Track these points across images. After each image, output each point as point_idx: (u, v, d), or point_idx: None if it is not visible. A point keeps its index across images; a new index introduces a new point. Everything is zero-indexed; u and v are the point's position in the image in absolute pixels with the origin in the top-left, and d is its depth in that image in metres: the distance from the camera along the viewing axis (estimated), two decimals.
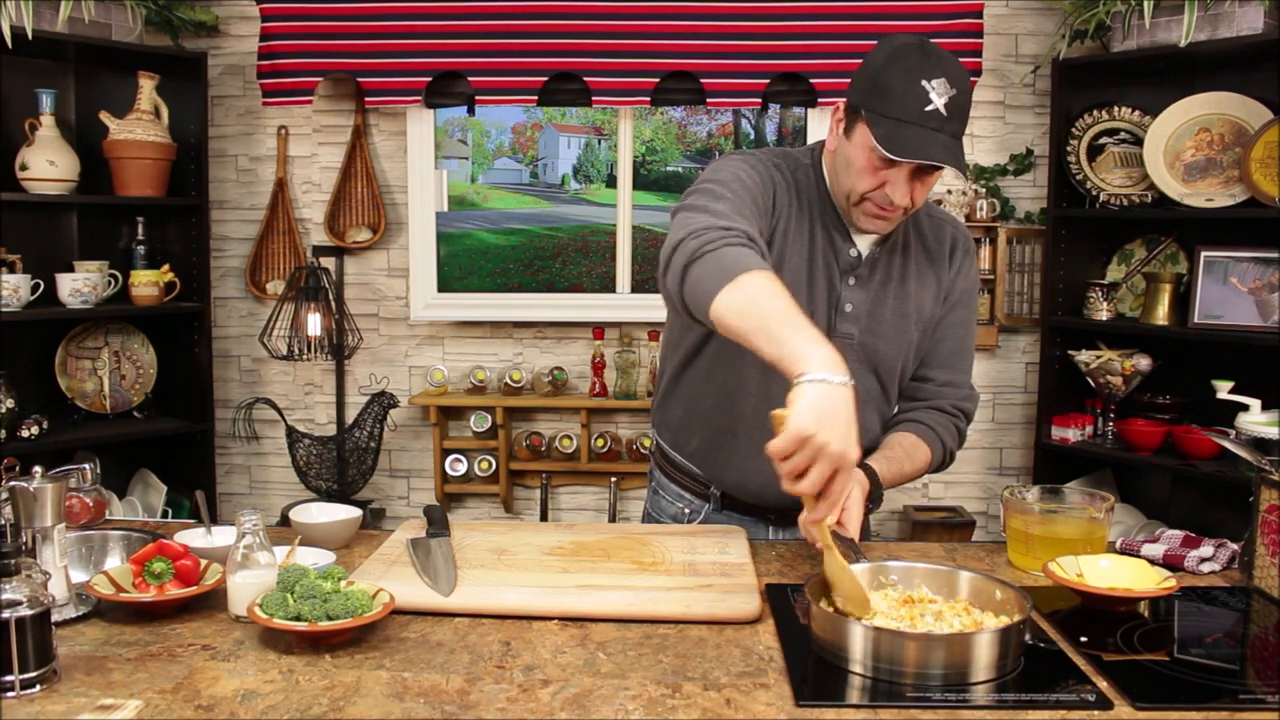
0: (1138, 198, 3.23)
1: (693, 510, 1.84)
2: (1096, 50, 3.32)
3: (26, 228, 3.29)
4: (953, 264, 1.76)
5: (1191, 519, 3.01)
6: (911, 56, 1.51)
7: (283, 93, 3.51)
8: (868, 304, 1.69)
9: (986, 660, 1.19)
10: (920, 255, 1.74)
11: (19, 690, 1.14)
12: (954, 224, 1.80)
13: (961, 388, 1.80)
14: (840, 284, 1.68)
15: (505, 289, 3.89)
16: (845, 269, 1.68)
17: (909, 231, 1.73)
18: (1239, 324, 2.99)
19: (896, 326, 1.71)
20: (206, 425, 3.51)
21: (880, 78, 1.52)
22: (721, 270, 1.35)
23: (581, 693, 1.17)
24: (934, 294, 1.74)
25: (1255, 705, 1.15)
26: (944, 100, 1.48)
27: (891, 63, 1.51)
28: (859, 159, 1.56)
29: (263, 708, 1.12)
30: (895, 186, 1.55)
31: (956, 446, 1.80)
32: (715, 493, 1.81)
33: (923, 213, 1.76)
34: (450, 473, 3.65)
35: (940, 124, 1.49)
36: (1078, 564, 1.51)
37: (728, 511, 1.81)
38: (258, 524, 1.39)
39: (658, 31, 3.42)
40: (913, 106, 1.48)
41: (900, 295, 1.71)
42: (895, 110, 1.49)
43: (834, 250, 1.67)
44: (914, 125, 1.48)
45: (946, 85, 1.49)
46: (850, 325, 1.68)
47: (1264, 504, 1.53)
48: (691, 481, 1.83)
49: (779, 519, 1.81)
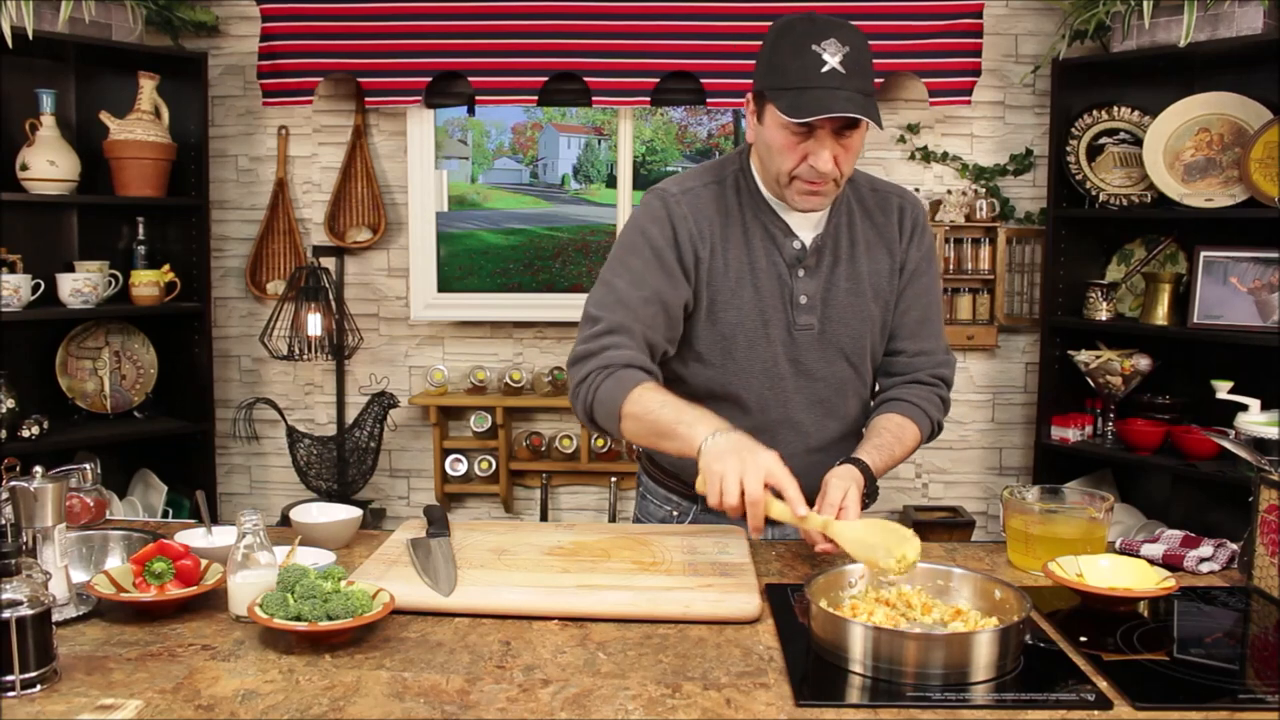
0: (1137, 198, 3.23)
1: (680, 512, 1.85)
2: (1096, 50, 3.32)
3: (27, 228, 3.29)
4: (903, 235, 1.76)
5: (1191, 519, 3.01)
6: (798, 27, 1.54)
7: (283, 93, 3.51)
8: (821, 292, 1.70)
9: (986, 660, 1.19)
10: (867, 231, 1.74)
11: (19, 690, 1.14)
12: (900, 194, 1.79)
13: (935, 354, 1.80)
14: (790, 278, 1.69)
15: (505, 289, 3.89)
16: (792, 262, 1.69)
17: (852, 209, 1.74)
18: (1238, 324, 2.99)
19: (854, 308, 1.72)
20: (207, 425, 3.51)
21: (774, 56, 1.56)
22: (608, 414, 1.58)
23: (581, 693, 1.17)
24: (888, 267, 1.74)
25: (1255, 705, 1.15)
26: (838, 59, 1.51)
27: (781, 39, 1.56)
28: (776, 139, 1.58)
29: (263, 708, 1.12)
30: (818, 155, 1.56)
31: (942, 415, 1.81)
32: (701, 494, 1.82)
33: (865, 187, 1.77)
34: (450, 473, 3.65)
35: (841, 82, 1.51)
36: (1078, 564, 1.51)
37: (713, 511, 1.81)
38: (258, 524, 1.39)
39: (658, 31, 3.42)
40: (809, 72, 1.51)
41: (852, 275, 1.72)
42: (793, 80, 1.52)
43: (776, 247, 1.69)
44: (814, 89, 1.51)
45: (838, 44, 1.51)
46: (808, 316, 1.70)
47: (1263, 504, 1.53)
48: (677, 484, 1.83)
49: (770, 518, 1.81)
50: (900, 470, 3.69)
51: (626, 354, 1.60)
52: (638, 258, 1.66)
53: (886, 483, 3.66)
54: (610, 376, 1.58)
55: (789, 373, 1.71)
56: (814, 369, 1.72)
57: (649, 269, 1.65)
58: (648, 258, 1.66)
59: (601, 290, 1.68)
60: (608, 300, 1.65)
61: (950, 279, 3.57)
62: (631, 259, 1.67)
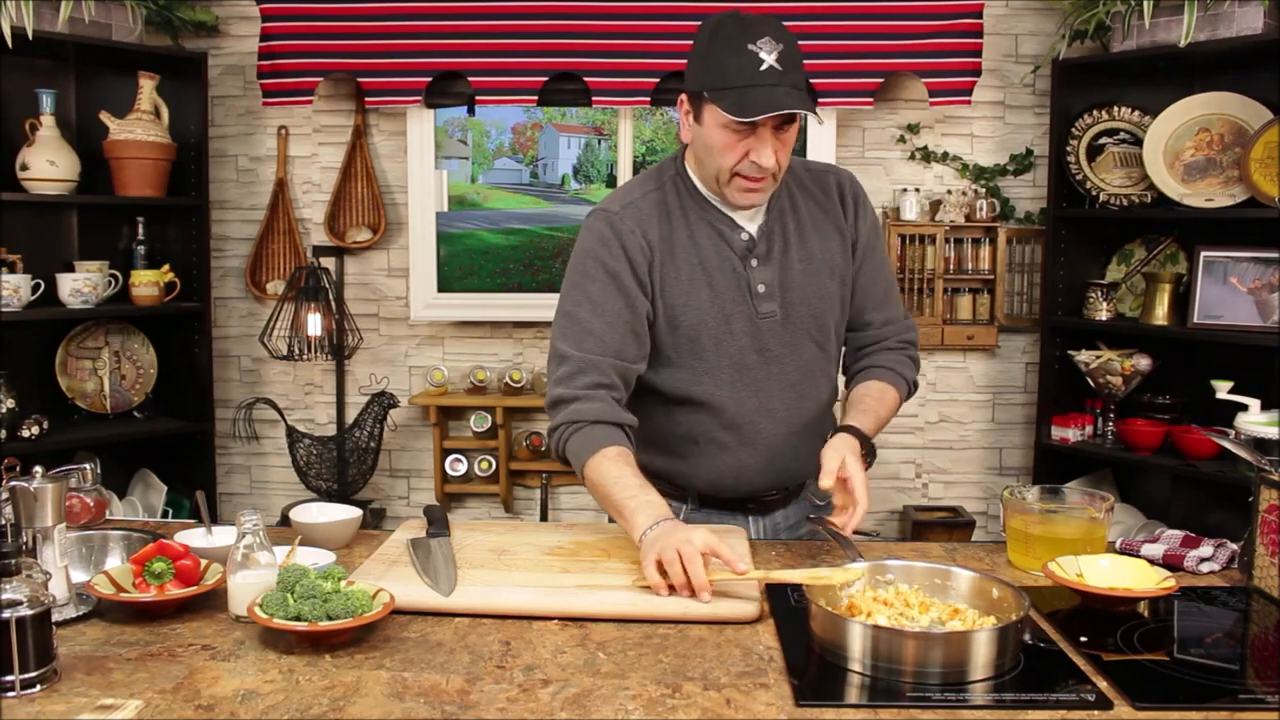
0: (1137, 198, 3.23)
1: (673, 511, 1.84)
2: (1096, 50, 3.32)
3: (27, 228, 3.29)
4: (848, 213, 1.79)
5: (1191, 519, 3.01)
6: (730, 26, 1.58)
7: (283, 93, 3.51)
8: (777, 277, 1.72)
9: (985, 659, 1.19)
10: (812, 209, 1.77)
11: (19, 690, 1.14)
12: (835, 172, 1.83)
13: (898, 321, 1.86)
14: (744, 269, 1.71)
15: (505, 289, 3.89)
16: (743, 254, 1.71)
17: (792, 192, 1.76)
18: (1239, 324, 2.98)
19: (812, 288, 1.74)
20: (207, 425, 3.51)
21: (710, 56, 1.59)
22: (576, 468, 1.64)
23: (581, 693, 1.17)
24: (838, 243, 1.77)
25: (1255, 705, 1.15)
26: (774, 56, 1.55)
27: (715, 39, 1.59)
28: (717, 138, 1.61)
29: (263, 708, 1.12)
30: (760, 151, 1.59)
31: (916, 374, 1.87)
32: (693, 493, 1.82)
33: (800, 169, 1.80)
34: (450, 473, 3.65)
35: (779, 78, 1.55)
36: (1078, 564, 1.51)
37: (706, 510, 1.82)
38: (258, 524, 1.39)
39: (658, 31, 3.42)
40: (748, 71, 1.55)
41: (804, 256, 1.74)
42: (733, 79, 1.55)
43: (725, 241, 1.71)
44: (755, 87, 1.55)
45: (772, 43, 1.55)
46: (769, 304, 1.71)
47: (1263, 504, 1.53)
48: (667, 485, 1.82)
49: (757, 508, 1.82)
50: (900, 470, 3.69)
51: (596, 406, 1.63)
52: (594, 283, 1.67)
53: (887, 483, 3.67)
54: (578, 433, 1.63)
55: (757, 362, 1.73)
56: (782, 355, 1.74)
57: (607, 293, 1.67)
58: (604, 281, 1.67)
59: (565, 322, 1.69)
60: (573, 332, 1.67)
61: (950, 279, 3.57)
62: (589, 285, 1.68)
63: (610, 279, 1.67)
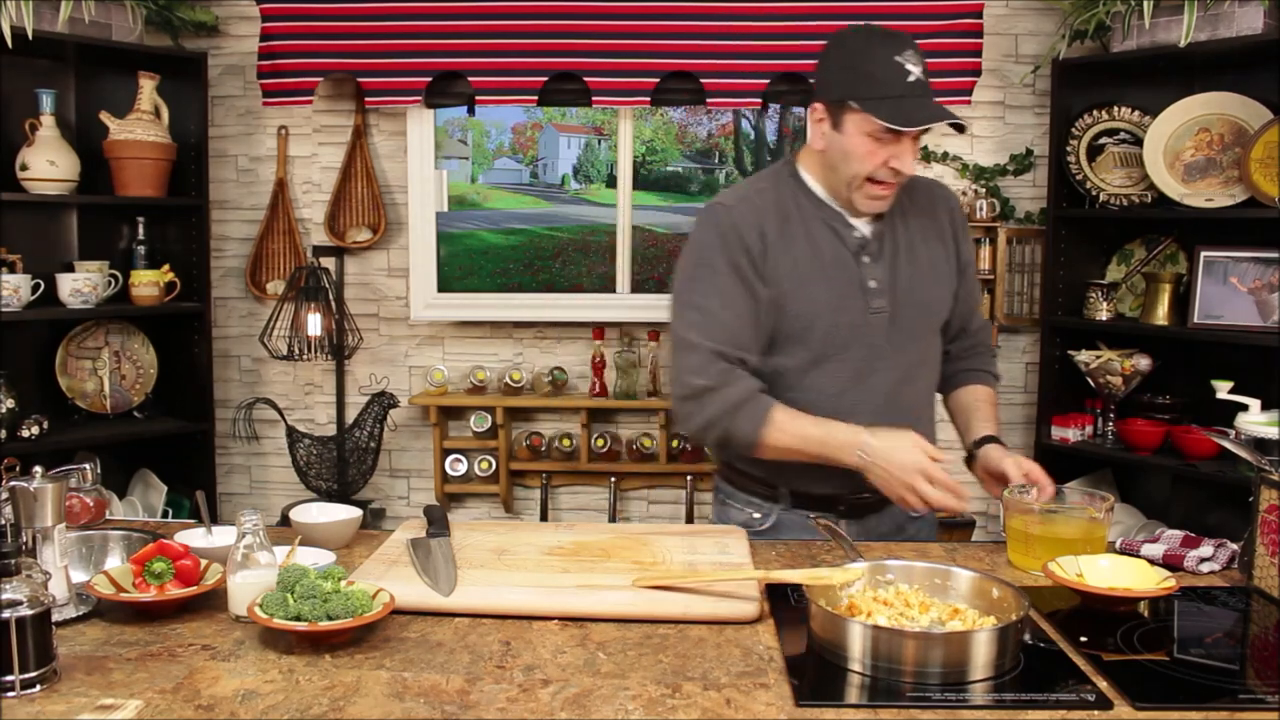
0: (1137, 198, 3.23)
1: (764, 514, 1.86)
2: (1096, 50, 3.32)
3: (27, 228, 3.28)
4: (955, 229, 1.88)
5: (1191, 519, 3.01)
6: (876, 39, 1.67)
7: (283, 93, 3.51)
8: (889, 276, 1.77)
9: (985, 659, 1.19)
10: (920, 218, 1.84)
11: (19, 690, 1.14)
12: (939, 187, 1.92)
13: (985, 325, 2.04)
14: (857, 265, 1.75)
15: (505, 289, 3.89)
16: (856, 250, 1.76)
17: (901, 199, 1.81)
18: (1239, 324, 2.98)
19: (920, 290, 1.80)
20: (206, 425, 3.51)
21: (859, 65, 1.66)
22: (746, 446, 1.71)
23: (581, 693, 1.17)
24: (943, 254, 1.85)
25: (1255, 705, 1.15)
26: (919, 70, 1.64)
27: (863, 50, 1.67)
28: (858, 146, 1.67)
29: (263, 708, 1.12)
30: (902, 158, 1.67)
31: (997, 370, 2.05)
32: (784, 492, 1.83)
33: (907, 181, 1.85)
34: (450, 473, 3.65)
35: (925, 90, 1.65)
36: (1078, 564, 1.51)
37: (798, 510, 1.83)
38: (258, 524, 1.39)
39: (658, 31, 3.42)
40: (898, 82, 1.63)
41: (912, 260, 1.80)
42: (885, 90, 1.63)
43: (839, 238, 1.76)
44: (908, 97, 1.63)
45: (914, 56, 1.65)
46: (880, 300, 1.76)
47: (1263, 504, 1.53)
48: (760, 486, 1.85)
49: (849, 510, 1.83)
50: None
51: (742, 386, 1.69)
52: (719, 275, 1.72)
53: None
54: (739, 413, 1.68)
55: (864, 357, 1.76)
56: (887, 352, 1.78)
57: (728, 284, 1.72)
58: (727, 273, 1.72)
59: (692, 314, 1.73)
60: (701, 323, 1.71)
61: None
62: (714, 277, 1.73)
63: (733, 271, 1.71)
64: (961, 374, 1.97)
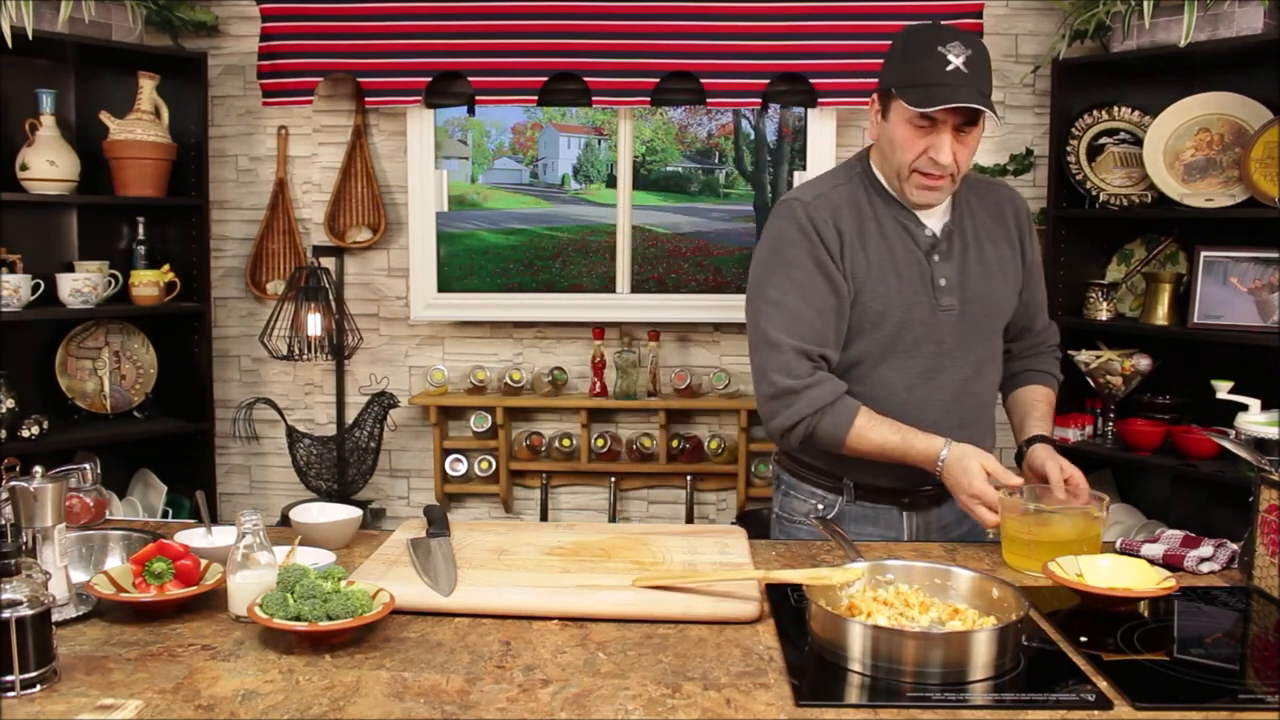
0: (1138, 198, 3.23)
1: (826, 505, 1.87)
2: (1096, 50, 3.32)
3: (27, 228, 3.28)
4: (1020, 230, 1.90)
5: (1191, 519, 3.01)
6: (926, 31, 1.69)
7: (283, 93, 3.51)
8: (958, 275, 1.79)
9: (984, 659, 1.19)
10: (987, 220, 1.86)
11: (19, 690, 1.14)
12: (1008, 189, 1.94)
13: (1051, 326, 2.06)
14: (928, 263, 1.78)
15: (505, 289, 3.89)
16: (927, 249, 1.78)
17: (971, 201, 1.85)
18: (1239, 324, 2.98)
19: (988, 289, 1.82)
20: (206, 425, 3.51)
21: (903, 55, 1.70)
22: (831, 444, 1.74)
23: (581, 693, 1.17)
24: (1010, 255, 1.88)
25: (1255, 705, 1.15)
26: (961, 60, 1.64)
27: (910, 41, 1.70)
28: (900, 133, 1.70)
29: (263, 708, 1.12)
30: (938, 148, 1.68)
31: (1061, 374, 2.06)
32: (849, 483, 1.84)
33: (976, 182, 1.90)
34: (450, 473, 3.65)
35: (963, 80, 1.64)
36: (1078, 564, 1.51)
37: (861, 502, 1.84)
38: (258, 524, 1.39)
39: (658, 31, 3.42)
40: (935, 70, 1.64)
41: (981, 260, 1.82)
42: (920, 77, 1.65)
43: (910, 236, 1.78)
44: (939, 85, 1.64)
45: (960, 47, 1.65)
46: (949, 298, 1.78)
47: (1264, 504, 1.53)
48: (823, 478, 1.87)
49: (912, 503, 1.85)
50: None
51: (827, 388, 1.72)
52: (798, 270, 1.74)
53: None
54: (826, 416, 1.71)
55: (933, 353, 1.78)
56: (955, 349, 1.80)
57: (810, 279, 1.74)
58: (806, 267, 1.74)
59: (773, 310, 1.75)
60: (783, 320, 1.73)
61: None
62: (794, 273, 1.74)
63: (813, 263, 1.74)
64: (1023, 374, 2.00)
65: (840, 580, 1.38)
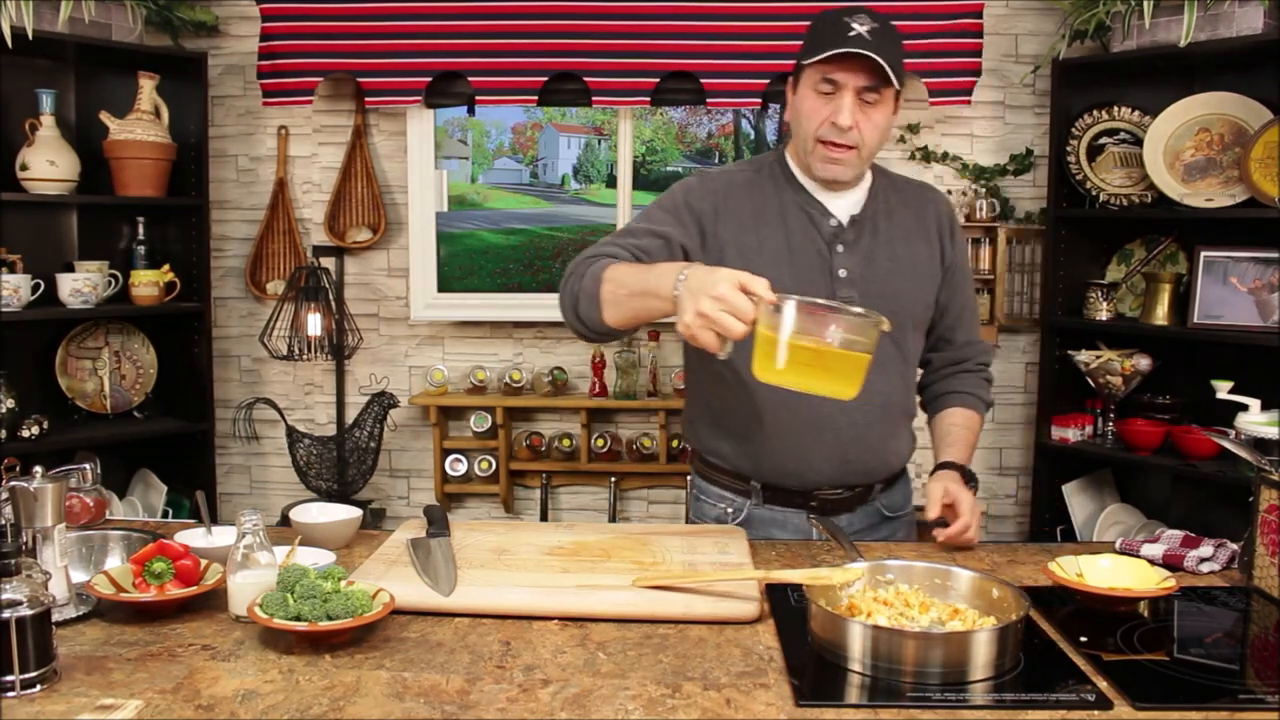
0: (1138, 198, 3.23)
1: (735, 509, 1.86)
2: (1096, 50, 3.32)
3: (27, 228, 3.29)
4: (942, 231, 1.87)
5: (1191, 519, 3.01)
6: (834, 11, 1.70)
7: (283, 93, 3.51)
8: (861, 266, 1.77)
9: (985, 659, 1.19)
10: (907, 219, 1.84)
11: (19, 690, 1.14)
12: (933, 191, 1.91)
13: (979, 343, 1.97)
14: (829, 253, 1.76)
15: (505, 289, 3.89)
16: (829, 239, 1.77)
17: (889, 196, 1.84)
18: (1239, 324, 2.98)
19: (894, 285, 1.78)
20: (206, 425, 3.51)
21: (811, 31, 1.71)
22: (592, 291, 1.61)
23: (581, 693, 1.17)
24: (927, 254, 1.84)
25: (1255, 705, 1.15)
26: (865, 29, 1.64)
27: (820, 17, 1.71)
28: (806, 104, 1.71)
29: (263, 708, 1.12)
30: (839, 110, 1.67)
31: (990, 394, 1.98)
32: (756, 486, 1.83)
33: (899, 181, 1.90)
34: (450, 473, 3.65)
35: (864, 45, 1.63)
36: (1078, 564, 1.51)
37: (769, 505, 1.83)
38: (258, 524, 1.39)
39: (658, 31, 3.42)
40: (837, 37, 1.65)
41: (891, 256, 1.80)
42: (824, 46, 1.66)
43: (813, 224, 1.78)
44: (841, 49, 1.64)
45: (867, 19, 1.66)
46: (849, 289, 1.75)
47: (1264, 504, 1.53)
48: (731, 479, 1.85)
49: (821, 507, 1.82)
50: None
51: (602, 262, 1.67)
52: (659, 209, 1.80)
53: None
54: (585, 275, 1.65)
55: None
56: None
57: (663, 216, 1.77)
58: (667, 208, 1.79)
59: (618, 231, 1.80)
60: (615, 235, 1.77)
61: None
62: (654, 210, 1.80)
63: (672, 207, 1.78)
64: (945, 396, 1.95)
65: (840, 580, 1.38)
